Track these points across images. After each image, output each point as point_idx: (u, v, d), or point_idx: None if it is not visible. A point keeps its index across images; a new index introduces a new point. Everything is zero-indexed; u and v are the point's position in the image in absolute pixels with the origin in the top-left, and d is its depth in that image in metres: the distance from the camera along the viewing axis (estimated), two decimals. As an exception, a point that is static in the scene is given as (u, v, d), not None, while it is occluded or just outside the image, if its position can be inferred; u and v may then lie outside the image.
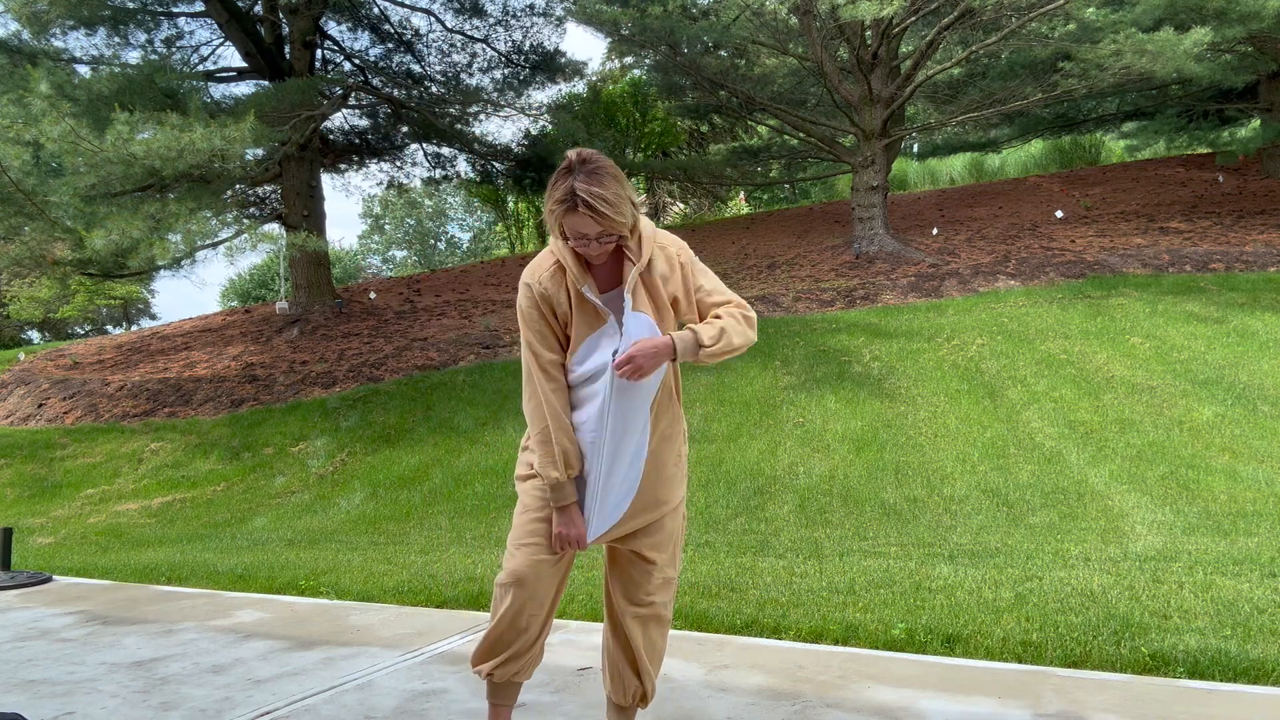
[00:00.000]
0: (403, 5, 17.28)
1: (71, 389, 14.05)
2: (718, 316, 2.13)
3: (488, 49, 17.87)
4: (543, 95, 50.62)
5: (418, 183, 21.41)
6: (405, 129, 18.34)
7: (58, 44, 14.33)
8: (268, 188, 17.08)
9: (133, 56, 15.44)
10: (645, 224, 2.16)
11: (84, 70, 13.89)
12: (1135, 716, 2.48)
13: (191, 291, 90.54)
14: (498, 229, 33.86)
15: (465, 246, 42.86)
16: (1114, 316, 10.40)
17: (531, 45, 17.79)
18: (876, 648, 3.24)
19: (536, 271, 2.14)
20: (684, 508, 2.31)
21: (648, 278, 2.13)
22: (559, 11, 17.40)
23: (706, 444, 8.87)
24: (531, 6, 17.55)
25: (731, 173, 18.87)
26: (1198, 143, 18.95)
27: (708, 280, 2.20)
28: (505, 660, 2.20)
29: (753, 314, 2.17)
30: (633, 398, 2.10)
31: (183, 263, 13.34)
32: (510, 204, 26.68)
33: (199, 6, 15.64)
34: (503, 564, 2.20)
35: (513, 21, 17.69)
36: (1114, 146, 23.38)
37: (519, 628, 2.17)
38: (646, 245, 2.13)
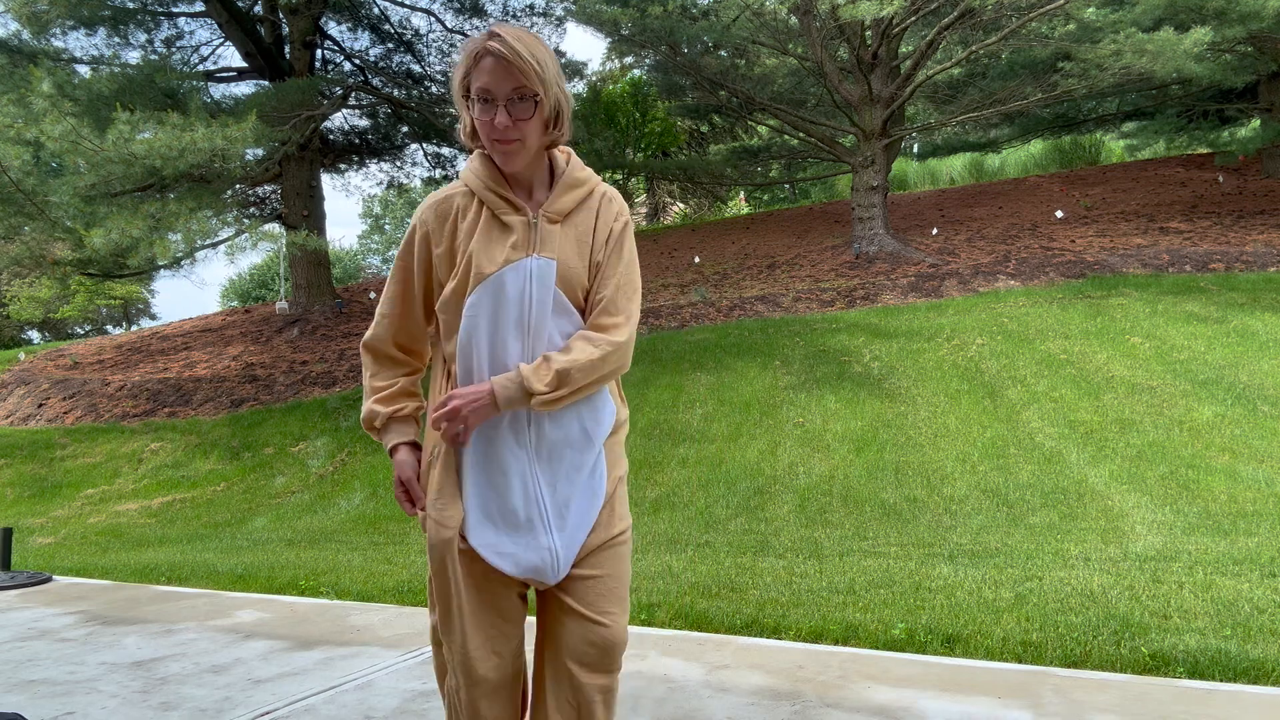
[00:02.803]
0: (403, 5, 17.28)
1: (71, 389, 14.05)
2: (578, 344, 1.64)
3: (488, 49, 17.85)
4: (543, 95, 50.44)
5: (418, 183, 21.42)
6: (405, 129, 18.36)
7: (58, 44, 14.36)
8: (268, 188, 17.10)
9: (133, 56, 15.47)
10: (580, 164, 1.74)
11: (84, 70, 13.91)
12: (1135, 716, 2.48)
13: (191, 291, 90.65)
14: (498, 229, 33.81)
15: (465, 246, 42.84)
16: (1114, 316, 10.39)
17: (532, 45, 17.78)
18: (876, 648, 3.24)
19: (431, 199, 1.70)
20: (630, 545, 1.77)
21: (568, 221, 1.68)
22: (559, 11, 17.41)
23: (707, 444, 8.86)
24: (531, 6, 17.56)
25: (731, 173, 18.87)
26: (1198, 143, 18.94)
27: (619, 273, 1.69)
28: None
29: (622, 338, 1.65)
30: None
31: (183, 262, 13.38)
32: (510, 204, 26.65)
33: (199, 6, 15.65)
34: (448, 658, 1.71)
35: (513, 21, 17.69)
36: (1114, 146, 23.36)
37: None
38: (568, 182, 1.69)
